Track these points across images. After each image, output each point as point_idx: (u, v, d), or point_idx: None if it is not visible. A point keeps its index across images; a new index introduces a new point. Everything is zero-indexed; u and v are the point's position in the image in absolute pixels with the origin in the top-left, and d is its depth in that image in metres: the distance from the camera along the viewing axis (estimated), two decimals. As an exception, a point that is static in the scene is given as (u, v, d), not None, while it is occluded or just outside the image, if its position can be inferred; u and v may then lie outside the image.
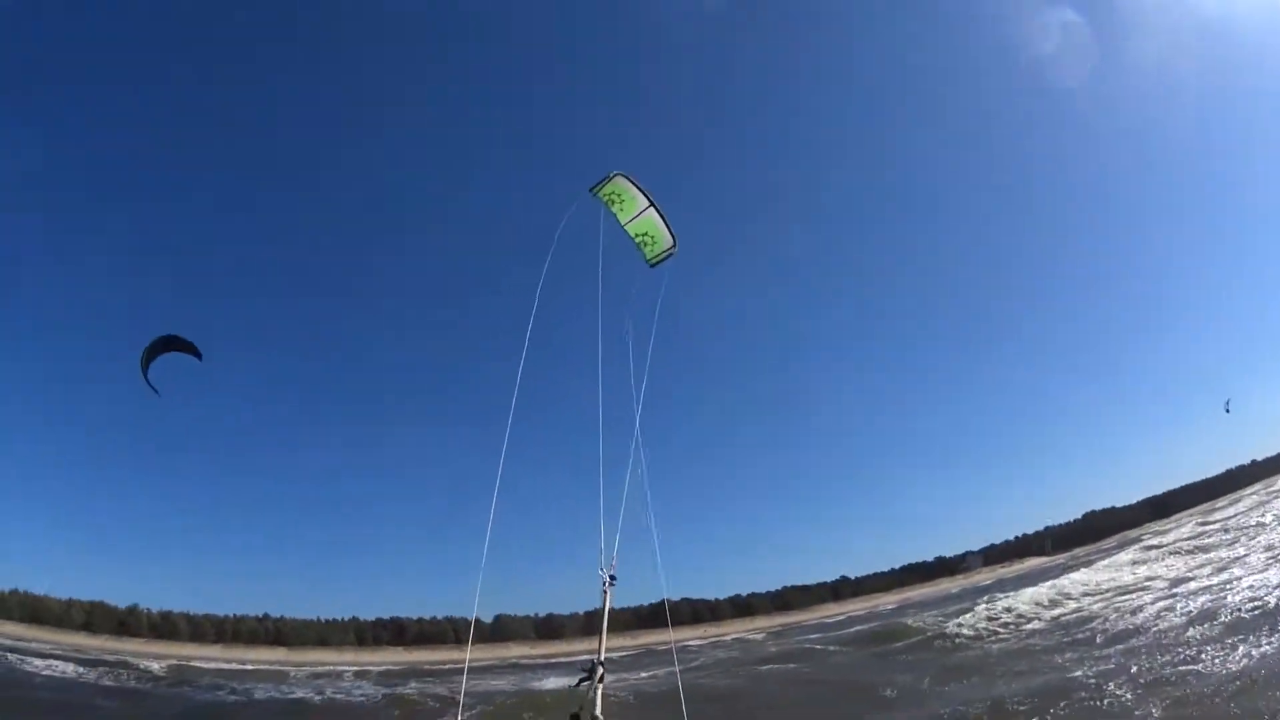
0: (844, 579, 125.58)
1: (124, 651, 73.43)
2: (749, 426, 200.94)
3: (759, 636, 74.88)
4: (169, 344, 15.97)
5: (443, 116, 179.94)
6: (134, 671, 46.18)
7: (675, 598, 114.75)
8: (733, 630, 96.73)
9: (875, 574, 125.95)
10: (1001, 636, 31.99)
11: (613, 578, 6.70)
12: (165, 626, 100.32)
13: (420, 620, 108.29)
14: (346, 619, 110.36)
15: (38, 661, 47.10)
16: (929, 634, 34.68)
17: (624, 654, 59.70)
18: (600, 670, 5.45)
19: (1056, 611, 35.64)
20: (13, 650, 55.78)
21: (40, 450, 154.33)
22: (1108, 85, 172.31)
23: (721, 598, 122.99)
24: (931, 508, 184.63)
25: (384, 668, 70.08)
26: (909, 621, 42.23)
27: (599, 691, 5.24)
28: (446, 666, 67.17)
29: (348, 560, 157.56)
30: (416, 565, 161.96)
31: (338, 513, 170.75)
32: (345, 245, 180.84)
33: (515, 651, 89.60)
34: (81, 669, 43.53)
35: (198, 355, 16.15)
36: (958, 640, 32.42)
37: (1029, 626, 33.13)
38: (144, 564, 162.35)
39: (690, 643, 70.20)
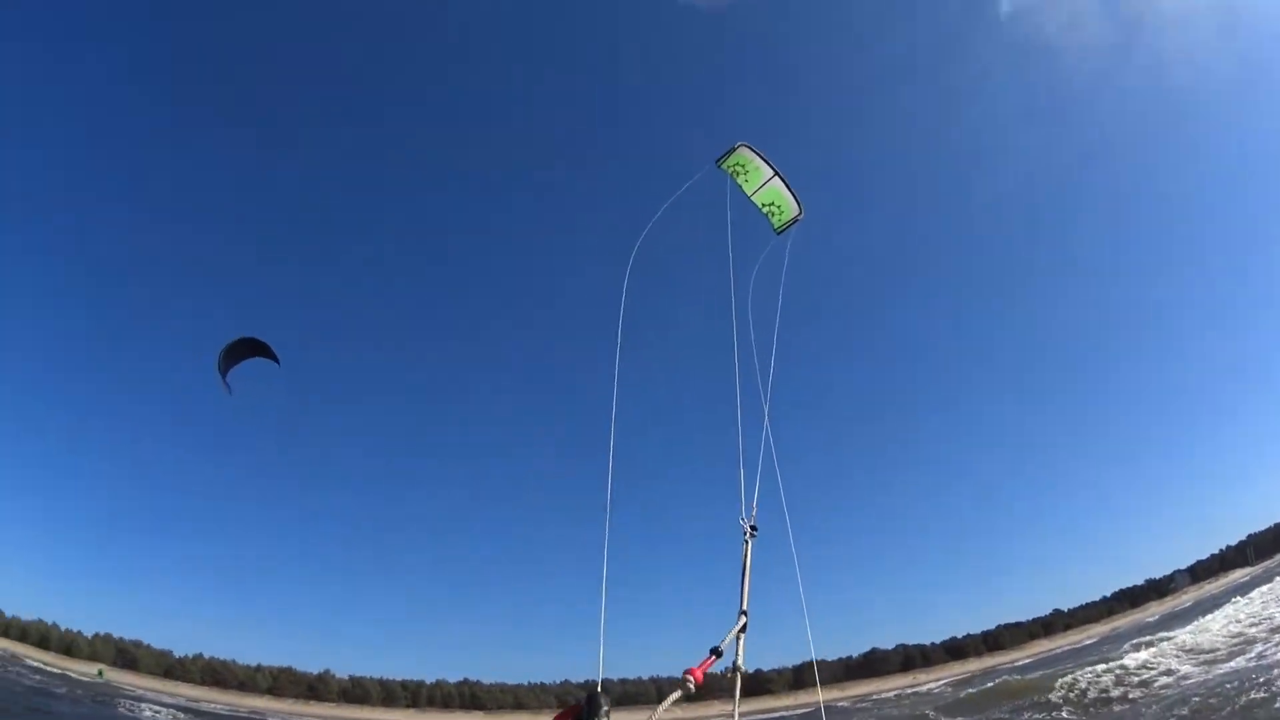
0: (1056, 612, 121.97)
1: (308, 715, 75.92)
2: (943, 447, 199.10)
3: (933, 687, 70.56)
4: (253, 348, 15.90)
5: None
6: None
7: (889, 644, 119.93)
8: (937, 676, 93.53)
9: (1087, 604, 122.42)
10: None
11: (754, 528, 6.66)
12: (356, 691, 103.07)
13: (624, 681, 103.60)
14: (550, 683, 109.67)
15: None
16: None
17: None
18: (744, 620, 5.70)
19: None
20: (185, 709, 57.73)
21: (242, 521, 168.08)
22: None
23: (937, 641, 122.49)
24: (1140, 524, 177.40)
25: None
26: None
27: (741, 642, 5.53)
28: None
29: (546, 623, 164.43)
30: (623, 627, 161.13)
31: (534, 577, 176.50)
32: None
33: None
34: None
35: (276, 360, 16.18)
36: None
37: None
38: (337, 631, 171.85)
39: (839, 704, 66.90)
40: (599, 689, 3.21)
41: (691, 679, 4.87)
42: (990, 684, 44.73)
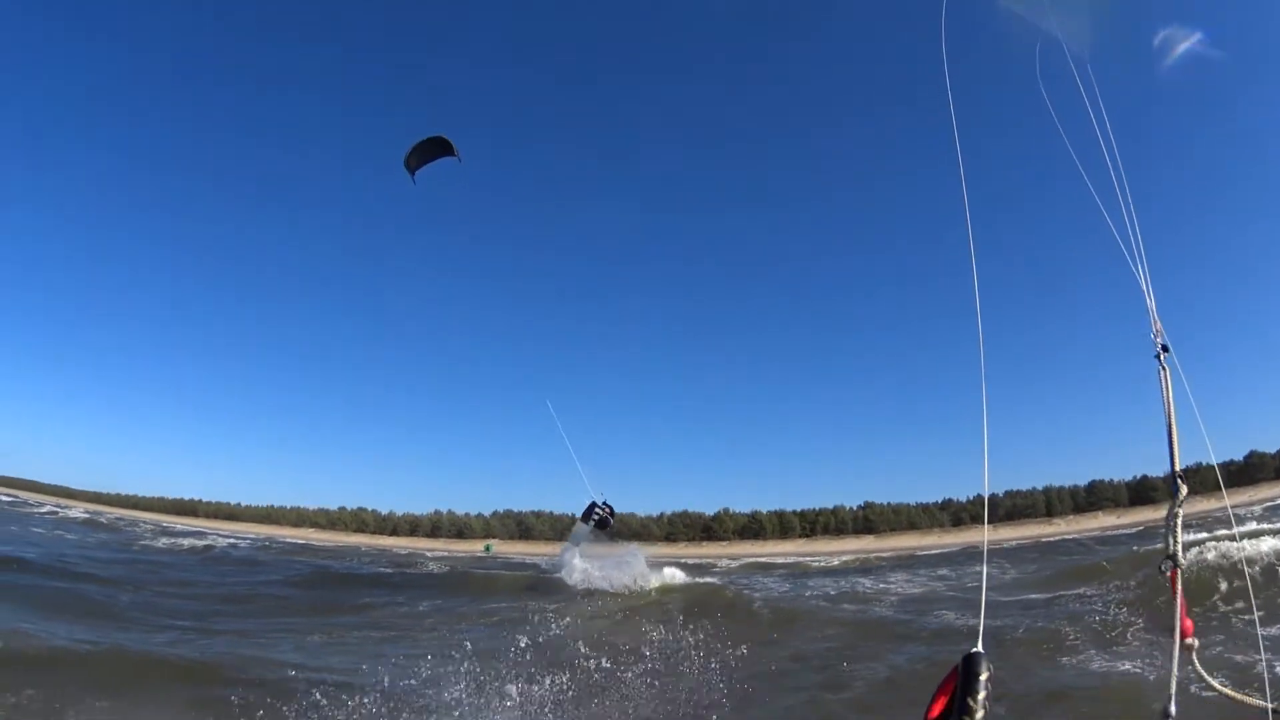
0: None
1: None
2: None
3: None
4: (443, 148, 16.93)
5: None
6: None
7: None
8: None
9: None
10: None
11: (1165, 347, 4.10)
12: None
13: (1011, 493, 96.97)
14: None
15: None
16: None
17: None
18: (1183, 490, 3.64)
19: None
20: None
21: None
22: None
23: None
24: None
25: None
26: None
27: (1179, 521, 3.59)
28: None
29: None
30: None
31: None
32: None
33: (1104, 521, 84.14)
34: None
35: (458, 157, 17.13)
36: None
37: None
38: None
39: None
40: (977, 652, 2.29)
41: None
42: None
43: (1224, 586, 16.12)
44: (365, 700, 11.11)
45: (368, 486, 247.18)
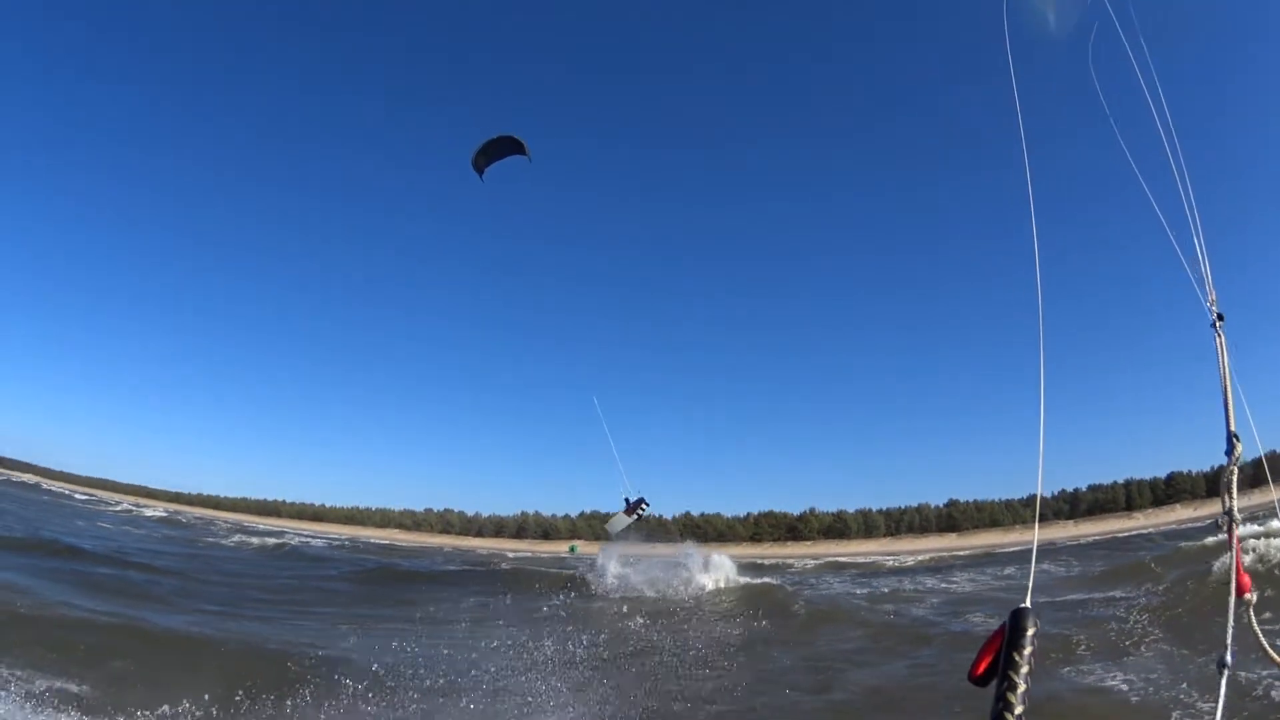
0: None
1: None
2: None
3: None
4: (512, 146, 16.88)
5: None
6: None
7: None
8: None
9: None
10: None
11: (1220, 316, 3.82)
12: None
13: (1094, 488, 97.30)
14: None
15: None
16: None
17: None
18: (1237, 448, 3.41)
19: None
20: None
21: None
22: None
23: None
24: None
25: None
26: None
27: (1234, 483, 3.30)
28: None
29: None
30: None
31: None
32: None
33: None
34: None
35: (528, 156, 16.98)
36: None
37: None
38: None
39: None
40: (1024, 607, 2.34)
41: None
42: None
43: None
44: (344, 677, 11.61)
45: (455, 489, 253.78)
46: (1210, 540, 21.74)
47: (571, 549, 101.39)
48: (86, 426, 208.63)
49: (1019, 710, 2.18)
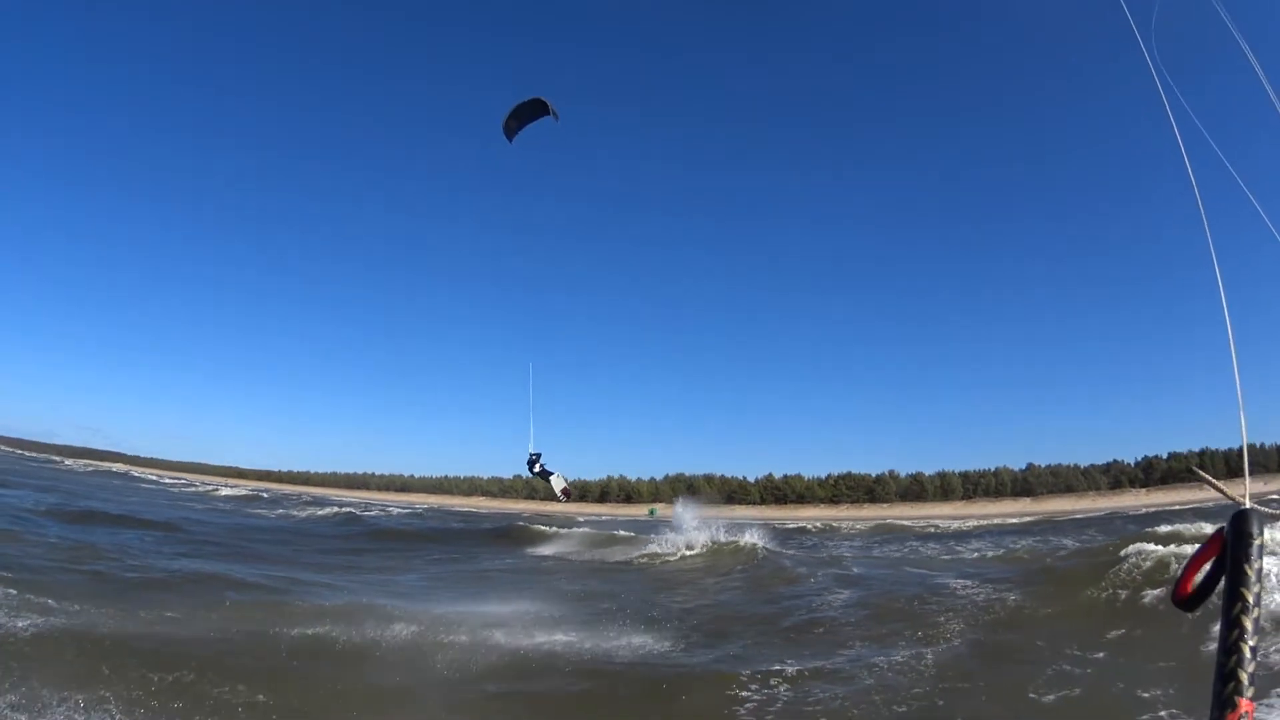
0: None
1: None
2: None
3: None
4: (540, 108, 17.02)
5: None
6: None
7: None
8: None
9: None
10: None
11: None
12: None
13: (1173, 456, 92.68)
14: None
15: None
16: None
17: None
18: None
19: None
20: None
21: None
22: None
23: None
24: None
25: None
26: None
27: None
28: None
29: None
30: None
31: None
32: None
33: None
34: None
35: (555, 116, 17.17)
36: None
37: None
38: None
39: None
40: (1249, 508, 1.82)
41: None
42: None
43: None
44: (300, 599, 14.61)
45: (547, 454, 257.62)
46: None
47: (651, 512, 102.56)
48: (180, 413, 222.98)
49: (1254, 641, 1.66)
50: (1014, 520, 61.53)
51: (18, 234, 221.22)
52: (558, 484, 31.96)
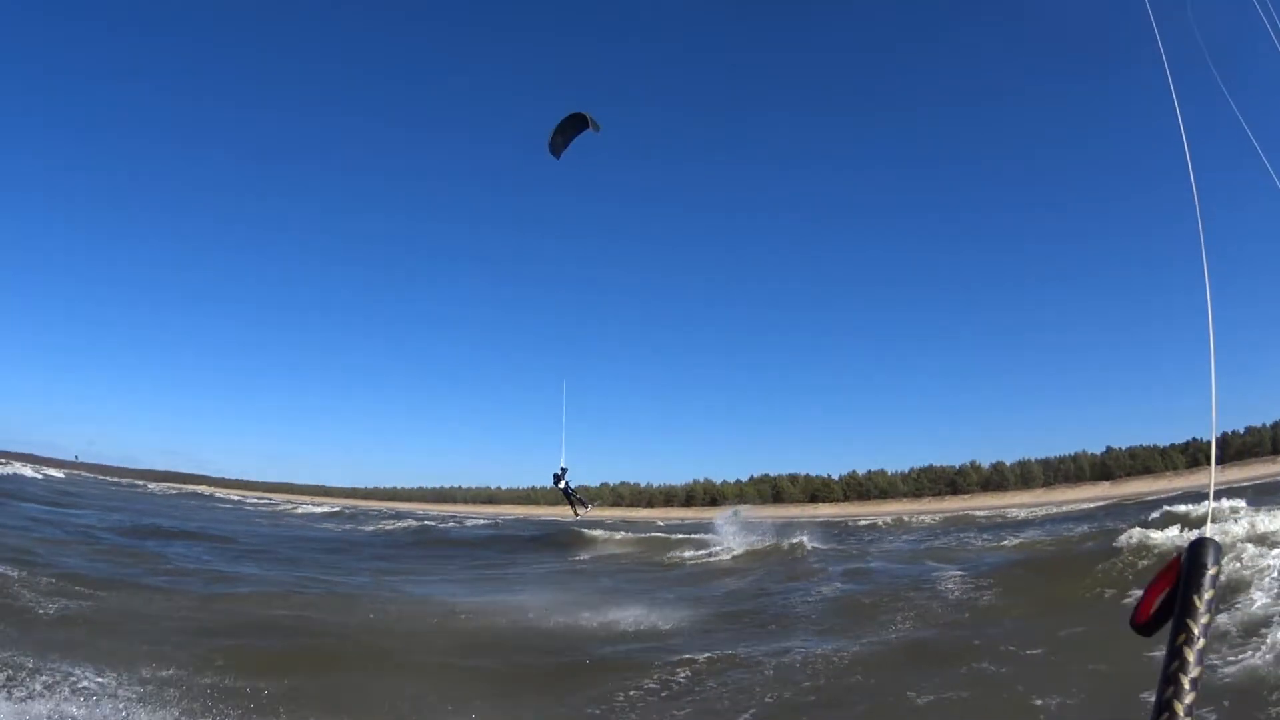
0: None
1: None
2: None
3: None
4: (582, 123, 17.39)
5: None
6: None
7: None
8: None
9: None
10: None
11: None
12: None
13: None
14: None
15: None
16: None
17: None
18: None
19: None
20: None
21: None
22: None
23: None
24: None
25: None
26: None
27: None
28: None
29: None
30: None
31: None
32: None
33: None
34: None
35: (597, 128, 17.60)
36: None
37: None
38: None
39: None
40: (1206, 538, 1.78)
41: None
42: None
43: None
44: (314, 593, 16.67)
45: (637, 461, 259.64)
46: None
47: (734, 513, 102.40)
48: (268, 434, 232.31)
49: (1195, 673, 1.67)
50: (1085, 506, 59.89)
51: (111, 272, 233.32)
52: (580, 507, 34.21)
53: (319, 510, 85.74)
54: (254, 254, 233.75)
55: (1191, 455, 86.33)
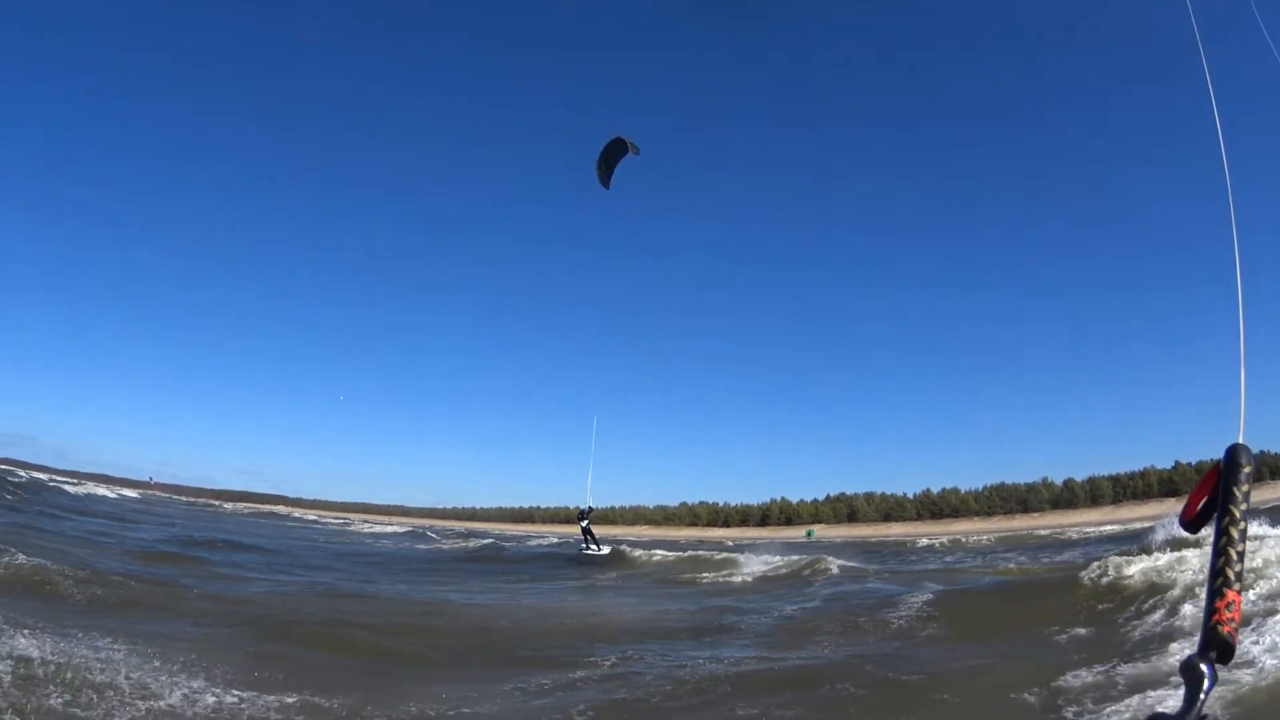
0: None
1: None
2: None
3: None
4: (624, 148, 17.90)
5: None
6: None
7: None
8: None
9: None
10: None
11: None
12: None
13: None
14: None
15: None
16: None
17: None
18: None
19: None
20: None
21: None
22: None
23: None
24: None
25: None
26: None
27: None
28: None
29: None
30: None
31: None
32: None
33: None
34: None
35: (636, 151, 18.12)
36: None
37: None
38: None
39: None
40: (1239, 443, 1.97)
41: None
42: None
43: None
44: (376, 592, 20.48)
45: (709, 480, 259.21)
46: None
47: (809, 533, 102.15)
48: (347, 454, 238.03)
49: (1240, 547, 1.99)
50: (1136, 526, 58.53)
51: (193, 296, 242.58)
52: (593, 546, 37.24)
53: (389, 529, 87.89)
54: (337, 278, 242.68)
55: (1256, 468, 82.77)
